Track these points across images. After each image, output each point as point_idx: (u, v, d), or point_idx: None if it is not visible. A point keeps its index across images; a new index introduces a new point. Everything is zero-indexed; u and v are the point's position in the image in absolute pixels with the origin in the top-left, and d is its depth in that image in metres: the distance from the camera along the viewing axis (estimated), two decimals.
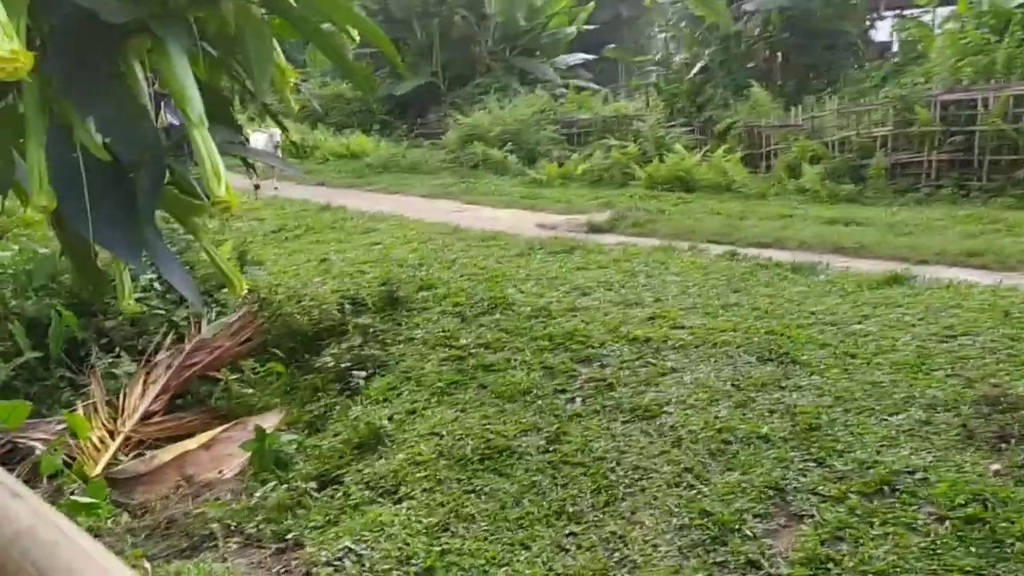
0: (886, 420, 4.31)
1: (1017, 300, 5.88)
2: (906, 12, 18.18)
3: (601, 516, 3.85)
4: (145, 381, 5.94)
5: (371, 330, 6.13)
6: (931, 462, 3.86)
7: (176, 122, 8.41)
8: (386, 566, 3.60)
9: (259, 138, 11.56)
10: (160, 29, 1.64)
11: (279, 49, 2.13)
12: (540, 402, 4.96)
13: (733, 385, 4.91)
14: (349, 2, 2.11)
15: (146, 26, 1.66)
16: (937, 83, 12.75)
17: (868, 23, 18.32)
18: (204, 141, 1.65)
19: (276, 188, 14.52)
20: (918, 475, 3.77)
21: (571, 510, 3.91)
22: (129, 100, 1.67)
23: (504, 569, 3.55)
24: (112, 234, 1.64)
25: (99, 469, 5.04)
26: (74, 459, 5.03)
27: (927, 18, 17.15)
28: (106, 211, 1.64)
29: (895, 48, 18.62)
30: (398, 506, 4.11)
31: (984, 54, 12.58)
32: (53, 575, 1.00)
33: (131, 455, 5.38)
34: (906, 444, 4.05)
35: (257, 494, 4.56)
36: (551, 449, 4.45)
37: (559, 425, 4.67)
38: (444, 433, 4.71)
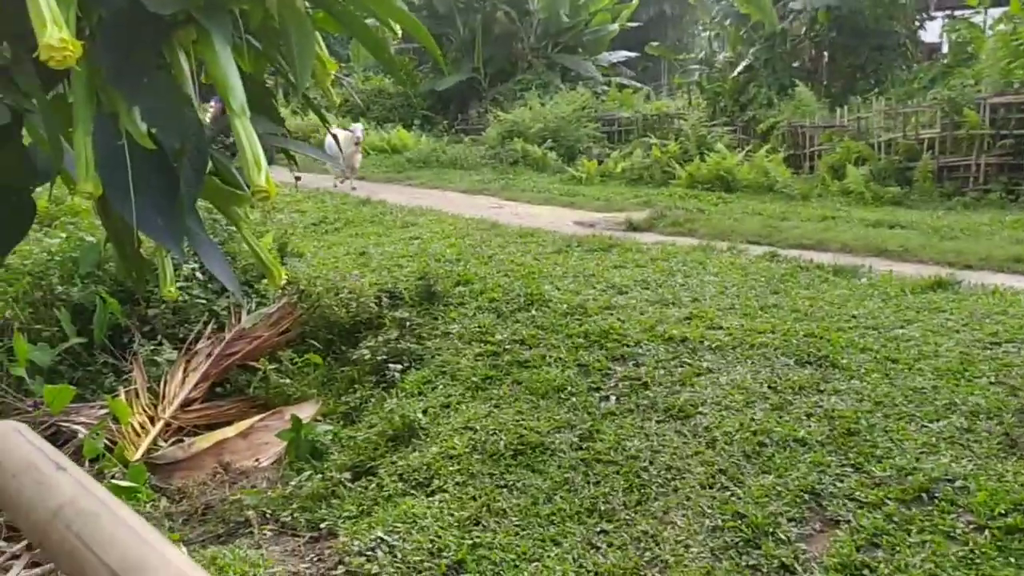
0: (926, 427, 4.24)
1: None
2: (957, 13, 17.81)
3: (633, 515, 3.84)
4: (186, 369, 6.04)
5: (408, 324, 6.16)
6: (971, 470, 3.79)
7: None
8: (417, 557, 3.63)
9: (342, 135, 11.08)
10: (205, 20, 1.67)
11: (321, 41, 2.15)
12: (574, 399, 4.95)
13: (770, 387, 4.86)
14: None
15: (191, 17, 1.70)
16: (987, 85, 12.47)
17: (917, 23, 17.97)
18: (245, 130, 1.67)
19: (354, 188, 14.33)
20: (958, 483, 3.71)
21: (603, 508, 3.91)
22: (174, 90, 1.70)
23: (535, 564, 3.55)
24: (155, 221, 1.68)
25: (139, 454, 5.14)
26: (115, 443, 5.13)
27: (978, 19, 16.78)
28: (149, 198, 1.67)
29: (945, 49, 18.25)
30: (431, 499, 4.14)
31: None
32: (95, 545, 1.03)
33: (170, 441, 5.48)
34: (946, 451, 3.98)
35: (292, 483, 4.62)
36: (584, 446, 4.45)
37: (593, 423, 4.66)
38: (478, 428, 4.72)
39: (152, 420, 5.55)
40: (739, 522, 3.68)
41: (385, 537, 3.79)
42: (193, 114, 1.75)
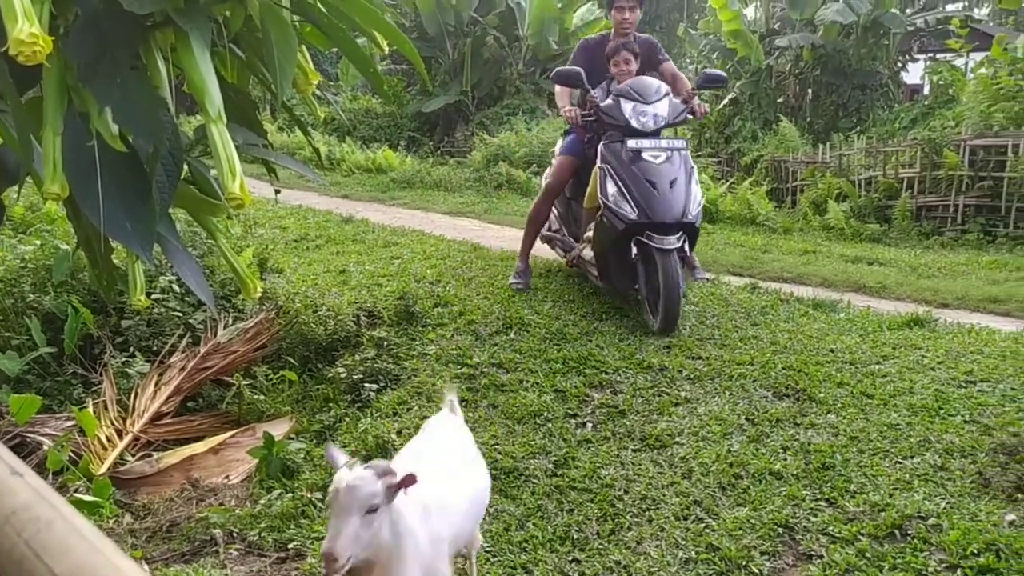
0: (901, 463, 4.23)
1: None
2: (939, 56, 18.13)
3: (606, 544, 3.79)
4: (157, 382, 5.95)
5: (385, 343, 6.10)
6: (945, 508, 3.78)
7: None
8: None
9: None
10: (183, 21, 1.64)
11: (305, 52, 2.13)
12: (550, 425, 4.91)
13: (747, 419, 4.85)
14: (379, 12, 2.10)
15: (170, 19, 1.67)
16: (967, 127, 12.65)
17: (899, 65, 18.27)
18: (221, 136, 1.64)
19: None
20: (931, 521, 3.69)
21: (576, 536, 3.86)
22: (149, 92, 1.66)
23: None
24: (124, 225, 1.63)
25: (104, 468, 5.04)
26: (81, 456, 5.02)
27: (960, 62, 17.07)
28: (119, 202, 1.63)
29: (926, 91, 18.55)
30: None
31: (1016, 101, 12.47)
32: (45, 555, 0.99)
33: (139, 455, 5.37)
34: (920, 489, 3.97)
35: (262, 501, 4.53)
36: (559, 473, 4.40)
37: (568, 449, 4.62)
38: None
39: (120, 433, 5.45)
40: (712, 554, 3.64)
41: None
42: (169, 118, 1.71)
